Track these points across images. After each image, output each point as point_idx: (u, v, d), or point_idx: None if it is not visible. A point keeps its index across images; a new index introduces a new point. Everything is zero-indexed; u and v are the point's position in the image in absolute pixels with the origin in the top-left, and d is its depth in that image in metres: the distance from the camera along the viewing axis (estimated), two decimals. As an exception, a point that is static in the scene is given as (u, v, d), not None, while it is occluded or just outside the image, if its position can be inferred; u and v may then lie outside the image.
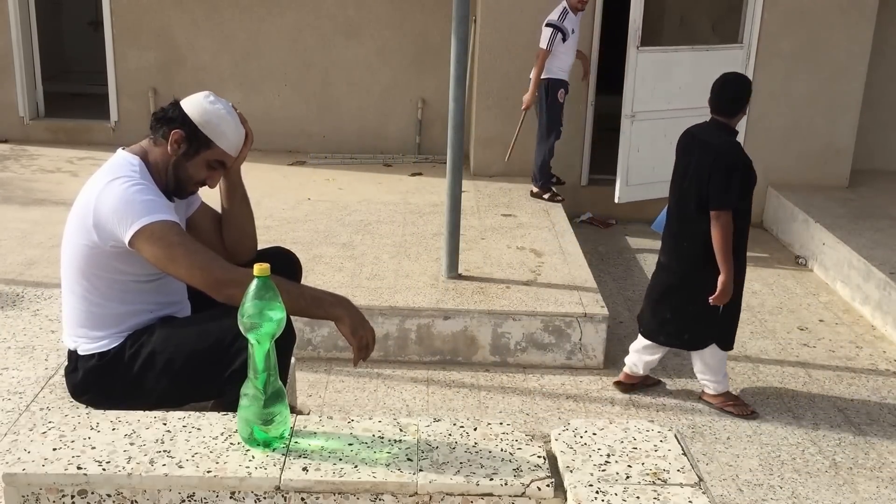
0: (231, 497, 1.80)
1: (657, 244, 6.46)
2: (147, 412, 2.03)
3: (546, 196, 6.39)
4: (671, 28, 6.29)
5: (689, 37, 6.44)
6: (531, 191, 6.48)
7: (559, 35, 6.05)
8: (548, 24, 6.07)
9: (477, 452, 1.90)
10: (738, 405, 4.01)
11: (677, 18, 6.32)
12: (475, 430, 2.00)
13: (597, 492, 1.78)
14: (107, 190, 2.28)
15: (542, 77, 6.23)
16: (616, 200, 6.32)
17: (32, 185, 6.43)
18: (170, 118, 2.38)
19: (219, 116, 2.39)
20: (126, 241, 2.24)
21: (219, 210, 2.65)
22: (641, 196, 6.48)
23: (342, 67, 7.64)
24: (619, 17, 7.51)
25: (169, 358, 2.34)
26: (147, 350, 2.37)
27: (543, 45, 6.06)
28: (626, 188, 6.32)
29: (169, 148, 2.37)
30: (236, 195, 2.58)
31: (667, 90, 6.27)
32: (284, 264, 2.59)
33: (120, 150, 2.42)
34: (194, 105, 2.39)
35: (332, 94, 7.70)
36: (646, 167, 6.37)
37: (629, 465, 1.88)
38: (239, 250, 2.57)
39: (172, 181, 2.43)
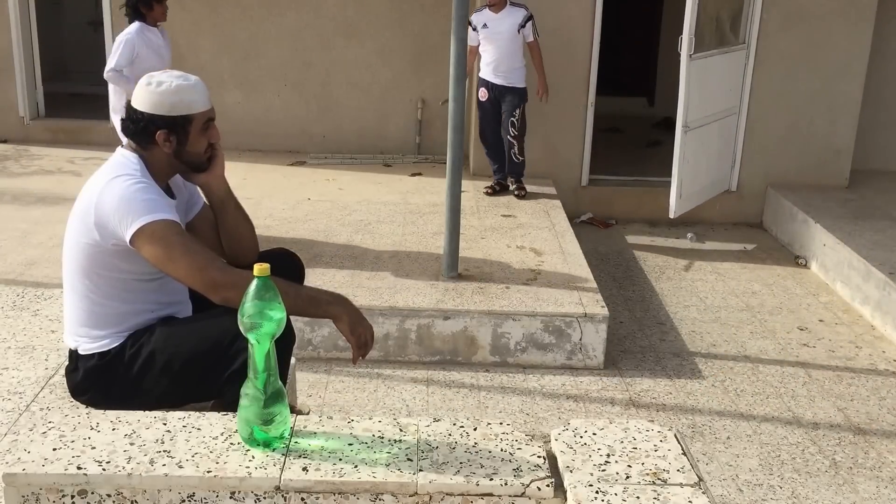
0: (231, 497, 1.80)
1: (657, 244, 6.49)
2: (147, 412, 2.03)
3: (488, 186, 6.42)
4: (709, 32, 6.22)
5: (722, 39, 6.33)
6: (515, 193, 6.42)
7: (470, 29, 5.92)
8: None
9: (477, 452, 1.91)
10: None
11: (712, 20, 6.27)
12: (475, 430, 2.00)
13: (597, 492, 1.78)
14: (108, 188, 2.28)
15: None
16: (671, 215, 6.08)
17: (32, 185, 6.43)
18: (142, 126, 2.36)
19: (175, 93, 2.35)
20: (127, 240, 2.24)
21: None
22: (689, 206, 6.30)
23: (342, 67, 7.64)
24: (619, 18, 7.52)
25: (169, 358, 2.35)
26: (147, 350, 2.37)
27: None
28: (679, 201, 6.10)
29: (163, 148, 2.37)
30: (228, 208, 2.55)
31: (708, 96, 6.13)
32: (287, 266, 2.58)
33: (120, 149, 2.42)
34: (149, 100, 2.35)
35: (332, 95, 7.70)
36: (690, 176, 6.18)
37: (629, 465, 1.88)
38: (240, 256, 2.56)
39: (185, 167, 2.44)
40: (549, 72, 6.37)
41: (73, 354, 2.46)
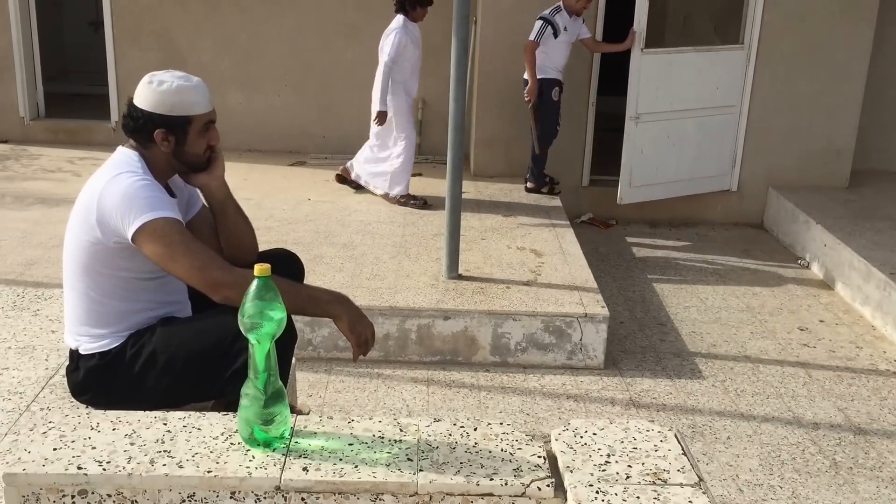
0: (231, 497, 1.80)
1: (657, 244, 6.49)
2: (147, 412, 2.03)
3: (544, 189, 6.43)
4: (675, 29, 6.27)
5: (692, 38, 6.42)
6: (526, 186, 6.49)
7: (549, 28, 6.05)
8: (539, 18, 6.14)
9: (477, 452, 1.90)
10: None
11: (680, 19, 6.30)
12: (475, 430, 2.00)
13: (597, 492, 1.78)
14: (110, 185, 2.28)
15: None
16: (619, 201, 6.30)
17: (33, 185, 6.43)
18: (140, 124, 2.36)
19: (176, 93, 2.36)
20: (129, 237, 2.24)
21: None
22: (644, 197, 6.47)
23: (342, 68, 7.64)
24: (621, 18, 7.52)
25: (170, 358, 2.35)
26: (148, 350, 2.37)
27: (532, 36, 6.12)
28: (628, 189, 6.30)
29: (161, 147, 2.37)
30: (228, 210, 2.55)
31: (670, 92, 6.25)
32: (287, 266, 2.58)
33: (121, 147, 2.42)
34: (148, 99, 2.35)
35: (333, 95, 7.69)
36: (649, 168, 6.35)
37: (629, 465, 1.88)
38: (239, 258, 2.55)
39: (184, 167, 2.44)
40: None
41: (74, 354, 2.46)
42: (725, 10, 6.62)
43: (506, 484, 1.80)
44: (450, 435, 1.97)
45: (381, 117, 5.88)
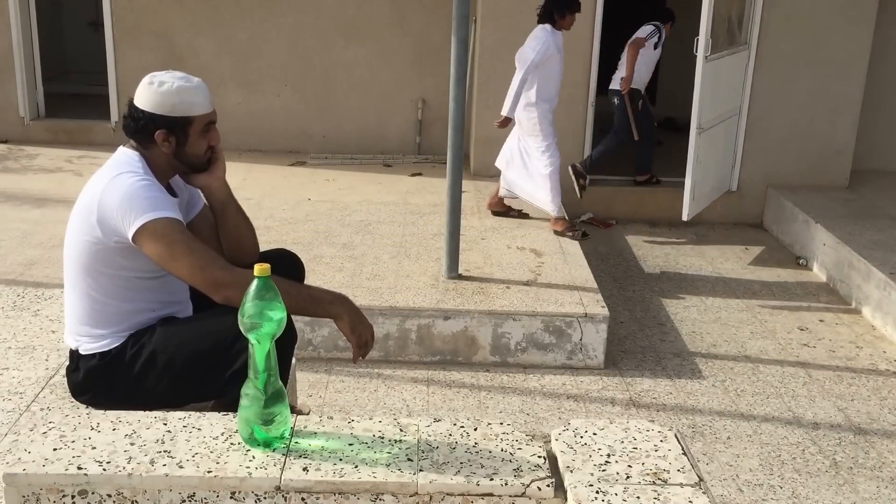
0: (231, 497, 1.80)
1: (657, 244, 6.49)
2: (147, 412, 2.03)
3: (580, 182, 6.41)
4: (722, 33, 6.26)
5: (731, 40, 6.38)
6: (572, 165, 6.43)
7: (656, 37, 6.25)
8: (650, 24, 6.34)
9: (477, 452, 1.91)
10: None
11: (724, 21, 6.28)
12: (475, 430, 2.00)
13: (597, 492, 1.78)
14: (112, 185, 2.28)
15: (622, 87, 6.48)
16: (685, 218, 6.04)
17: (33, 185, 6.43)
18: (141, 125, 2.36)
19: (176, 94, 2.35)
20: (129, 237, 2.24)
21: None
22: (700, 208, 6.29)
23: (342, 68, 7.65)
24: (620, 17, 7.52)
25: (170, 358, 2.35)
26: (148, 350, 2.37)
27: (643, 34, 6.29)
28: (692, 203, 6.06)
29: (162, 148, 2.37)
30: (229, 210, 2.54)
31: (719, 96, 6.15)
32: (287, 266, 2.58)
33: (121, 148, 2.42)
34: (149, 99, 2.35)
35: (333, 95, 7.70)
36: (701, 178, 6.16)
37: (629, 465, 1.88)
38: (240, 259, 2.55)
39: (184, 168, 2.44)
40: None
41: (74, 354, 2.46)
42: (742, 10, 6.60)
43: (506, 484, 1.80)
44: (450, 435, 1.97)
45: (504, 123, 5.53)
